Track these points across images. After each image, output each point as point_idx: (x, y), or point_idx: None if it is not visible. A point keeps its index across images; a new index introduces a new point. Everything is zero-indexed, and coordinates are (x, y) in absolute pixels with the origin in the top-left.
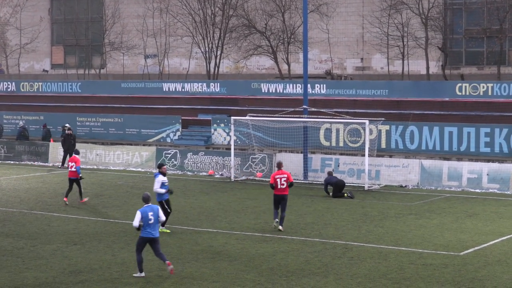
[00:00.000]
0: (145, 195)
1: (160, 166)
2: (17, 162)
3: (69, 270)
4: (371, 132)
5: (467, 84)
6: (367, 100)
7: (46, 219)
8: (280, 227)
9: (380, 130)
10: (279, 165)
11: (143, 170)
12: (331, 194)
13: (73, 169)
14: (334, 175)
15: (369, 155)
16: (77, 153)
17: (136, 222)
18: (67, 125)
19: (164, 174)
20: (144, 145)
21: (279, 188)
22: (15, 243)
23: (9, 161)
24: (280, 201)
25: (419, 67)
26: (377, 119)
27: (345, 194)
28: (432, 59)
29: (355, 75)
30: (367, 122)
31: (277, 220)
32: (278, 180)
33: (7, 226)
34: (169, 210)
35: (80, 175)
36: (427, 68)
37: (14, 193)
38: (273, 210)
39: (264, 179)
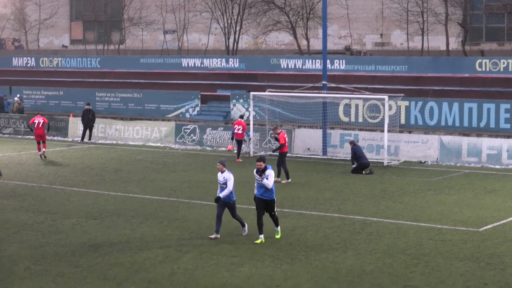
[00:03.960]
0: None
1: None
2: None
3: (88, 245)
4: (390, 108)
5: (487, 60)
6: (386, 76)
7: (66, 194)
8: None
9: (399, 106)
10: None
11: (162, 145)
12: (354, 165)
13: (239, 131)
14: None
15: (391, 131)
16: (241, 117)
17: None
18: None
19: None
20: (163, 120)
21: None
22: (35, 218)
23: (29, 136)
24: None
25: (438, 43)
26: (397, 95)
27: (363, 172)
28: (452, 35)
29: (375, 51)
30: (386, 98)
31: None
32: None
33: (27, 200)
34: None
35: (245, 137)
36: (447, 44)
37: (34, 167)
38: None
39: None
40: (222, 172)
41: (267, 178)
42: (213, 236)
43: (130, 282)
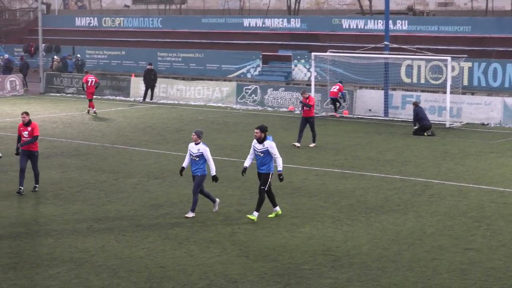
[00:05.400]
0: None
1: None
2: (99, 97)
3: (150, 204)
4: (453, 69)
5: None
6: (449, 36)
7: (128, 153)
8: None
9: (462, 67)
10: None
11: (223, 105)
12: (416, 127)
13: (335, 89)
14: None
15: (454, 93)
16: (341, 82)
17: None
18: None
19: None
20: (224, 80)
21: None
22: (98, 177)
23: None
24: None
25: (503, 3)
26: (460, 56)
27: (425, 133)
28: None
29: (438, 11)
30: (449, 59)
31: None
32: None
33: (89, 160)
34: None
35: (340, 96)
36: None
37: (96, 127)
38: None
39: (346, 115)
40: (196, 144)
41: (268, 151)
42: (190, 216)
43: (191, 241)
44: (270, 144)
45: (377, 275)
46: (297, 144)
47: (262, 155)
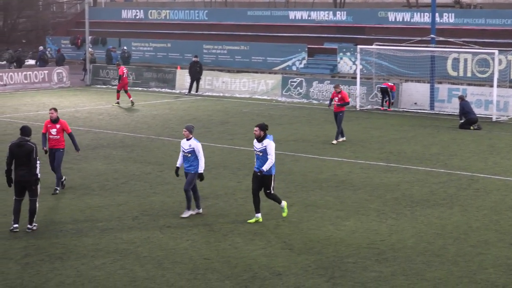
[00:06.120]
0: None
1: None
2: (145, 89)
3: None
4: (500, 62)
5: None
6: (496, 29)
7: (173, 145)
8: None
9: (509, 61)
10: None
11: (268, 98)
12: (462, 121)
13: (390, 83)
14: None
15: (501, 86)
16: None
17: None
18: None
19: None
20: (270, 73)
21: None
22: (143, 168)
23: (137, 88)
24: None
25: None
26: (507, 49)
27: (471, 127)
28: None
29: (485, 3)
30: (496, 52)
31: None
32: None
33: (135, 151)
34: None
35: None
36: None
37: (142, 119)
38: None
39: (389, 109)
40: (188, 139)
41: (266, 150)
42: (187, 215)
43: (235, 233)
44: (268, 143)
45: (421, 269)
46: (342, 139)
47: (261, 154)
